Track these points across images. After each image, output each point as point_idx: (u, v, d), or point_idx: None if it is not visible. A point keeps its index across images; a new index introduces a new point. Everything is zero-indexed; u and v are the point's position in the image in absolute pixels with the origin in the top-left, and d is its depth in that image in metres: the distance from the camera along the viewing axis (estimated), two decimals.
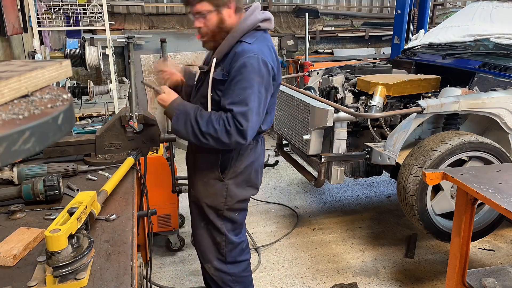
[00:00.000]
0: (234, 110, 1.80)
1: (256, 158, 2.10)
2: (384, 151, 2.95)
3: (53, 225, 1.14)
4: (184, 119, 1.86)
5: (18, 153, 0.58)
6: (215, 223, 2.12)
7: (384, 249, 3.37)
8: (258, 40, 1.91)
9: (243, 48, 1.86)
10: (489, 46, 3.65)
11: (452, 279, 2.10)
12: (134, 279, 1.16)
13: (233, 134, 1.81)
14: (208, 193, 2.08)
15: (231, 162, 2.03)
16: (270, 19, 2.00)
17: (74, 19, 3.84)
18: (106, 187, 1.62)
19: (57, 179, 1.61)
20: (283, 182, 4.75)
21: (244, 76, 1.81)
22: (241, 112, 1.80)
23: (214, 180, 2.06)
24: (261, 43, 1.91)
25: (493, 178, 1.90)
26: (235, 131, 1.80)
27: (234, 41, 1.90)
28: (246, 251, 2.27)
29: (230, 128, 1.80)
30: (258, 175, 2.16)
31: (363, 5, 7.71)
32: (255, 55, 1.83)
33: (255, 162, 2.10)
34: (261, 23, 1.95)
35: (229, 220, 2.13)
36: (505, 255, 3.26)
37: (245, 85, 1.81)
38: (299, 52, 6.98)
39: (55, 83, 1.24)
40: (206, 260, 2.22)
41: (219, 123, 1.81)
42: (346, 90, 3.54)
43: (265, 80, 1.87)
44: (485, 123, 3.25)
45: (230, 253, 2.18)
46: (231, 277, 2.21)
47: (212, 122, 1.82)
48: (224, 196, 2.06)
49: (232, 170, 2.04)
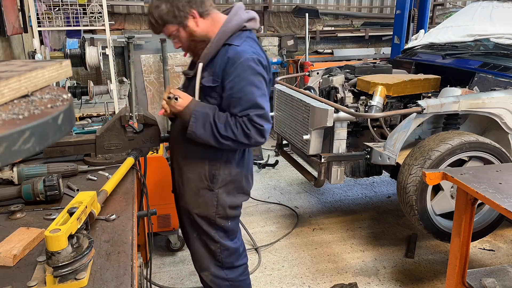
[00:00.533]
0: (250, 114, 1.78)
1: (246, 164, 2.06)
2: (384, 151, 2.95)
3: (53, 225, 1.14)
4: (203, 122, 1.81)
5: (18, 153, 0.58)
6: (208, 232, 2.07)
7: (384, 249, 3.37)
8: (247, 41, 1.85)
9: (236, 51, 1.80)
10: (489, 46, 3.65)
11: (452, 279, 2.10)
12: (134, 279, 1.16)
13: (253, 136, 1.80)
14: (198, 203, 2.02)
15: (220, 170, 1.97)
16: (255, 18, 1.94)
17: (74, 19, 3.84)
18: (106, 187, 1.62)
19: (57, 179, 1.61)
20: (283, 182, 4.75)
21: (248, 80, 1.78)
22: (258, 115, 1.78)
23: (204, 189, 1.99)
24: (251, 43, 1.86)
25: (493, 178, 1.90)
26: (255, 132, 1.79)
27: (220, 43, 1.83)
28: (243, 255, 2.23)
29: (250, 131, 1.79)
30: (249, 181, 2.11)
31: (363, 5, 7.71)
32: (250, 56, 1.79)
33: (244, 168, 2.05)
34: (247, 23, 1.89)
35: (222, 228, 2.08)
36: (505, 255, 3.26)
37: (252, 89, 1.78)
38: (299, 52, 6.98)
39: (55, 83, 1.24)
40: (203, 268, 2.17)
41: (237, 127, 1.78)
42: (346, 90, 3.54)
43: (264, 79, 1.85)
44: (485, 123, 3.25)
45: (227, 258, 2.14)
46: (229, 282, 2.17)
47: (231, 126, 1.79)
48: (215, 206, 2.01)
49: (222, 178, 1.98)
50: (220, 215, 2.03)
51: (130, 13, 6.44)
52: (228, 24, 1.84)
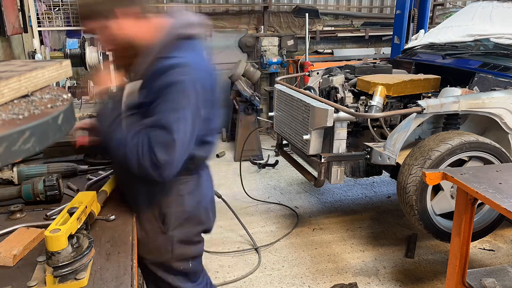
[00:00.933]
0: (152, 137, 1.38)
1: (203, 195, 1.70)
2: (384, 151, 2.95)
3: (53, 225, 1.14)
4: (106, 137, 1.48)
5: (18, 153, 0.58)
6: (164, 279, 1.73)
7: (384, 249, 3.37)
8: (184, 52, 1.49)
9: (165, 63, 1.44)
10: (489, 46, 3.65)
11: (452, 279, 2.10)
12: (134, 279, 1.16)
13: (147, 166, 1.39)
14: (149, 249, 1.64)
15: (171, 208, 1.62)
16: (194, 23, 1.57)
17: (74, 19, 3.84)
18: (106, 187, 1.62)
19: (57, 179, 1.61)
20: (283, 182, 4.75)
21: (169, 97, 1.40)
22: (161, 142, 1.38)
23: (155, 233, 1.63)
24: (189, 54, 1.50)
25: (493, 178, 1.90)
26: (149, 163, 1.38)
27: (150, 58, 1.48)
28: None
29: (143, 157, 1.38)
30: (209, 214, 1.76)
31: (363, 5, 7.71)
32: (179, 70, 1.42)
33: (202, 201, 1.70)
34: (183, 29, 1.53)
35: (181, 272, 1.74)
36: (505, 255, 3.26)
37: (171, 108, 1.40)
38: (299, 52, 6.98)
39: (55, 83, 1.24)
40: None
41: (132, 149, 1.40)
42: (346, 90, 3.54)
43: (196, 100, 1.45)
44: (485, 123, 3.25)
45: None
46: None
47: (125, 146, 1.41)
48: (170, 251, 1.66)
49: (175, 217, 1.63)
50: (177, 259, 1.70)
51: None
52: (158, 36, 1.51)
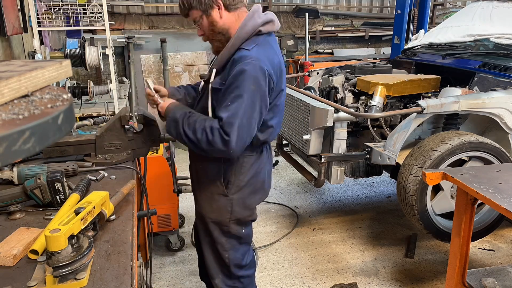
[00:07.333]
0: (222, 120, 1.69)
1: (261, 168, 2.01)
2: (384, 151, 2.95)
3: (55, 224, 1.14)
4: (175, 126, 1.80)
5: (18, 153, 0.58)
6: (219, 240, 2.04)
7: (384, 249, 3.37)
8: (259, 46, 1.79)
9: (241, 54, 1.76)
10: (489, 46, 3.65)
11: (452, 279, 2.10)
12: (134, 279, 1.16)
13: (217, 144, 1.69)
14: (212, 208, 1.99)
15: (233, 175, 1.93)
16: (273, 20, 1.87)
17: (74, 19, 3.84)
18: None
19: (62, 172, 1.61)
20: (283, 182, 4.75)
21: (237, 84, 1.70)
22: (228, 122, 1.68)
23: (218, 195, 1.97)
24: (262, 49, 1.79)
25: (493, 178, 1.90)
26: (220, 141, 1.69)
27: (234, 49, 1.80)
28: (252, 266, 2.22)
29: (213, 138, 1.69)
30: (265, 183, 2.07)
31: (363, 5, 7.71)
32: (252, 61, 1.71)
33: (260, 173, 2.00)
34: (262, 26, 1.82)
35: (235, 236, 2.04)
36: (505, 255, 3.26)
37: (237, 94, 1.70)
38: (299, 52, 6.98)
39: (55, 83, 1.24)
40: (211, 275, 2.14)
41: (202, 133, 1.71)
42: (346, 90, 3.54)
43: (261, 89, 1.74)
44: (485, 123, 3.25)
45: (235, 269, 2.11)
46: None
47: (196, 132, 1.73)
48: (229, 212, 1.97)
49: (236, 184, 1.94)
50: (234, 221, 2.00)
51: (130, 13, 6.44)
52: (242, 30, 1.80)
